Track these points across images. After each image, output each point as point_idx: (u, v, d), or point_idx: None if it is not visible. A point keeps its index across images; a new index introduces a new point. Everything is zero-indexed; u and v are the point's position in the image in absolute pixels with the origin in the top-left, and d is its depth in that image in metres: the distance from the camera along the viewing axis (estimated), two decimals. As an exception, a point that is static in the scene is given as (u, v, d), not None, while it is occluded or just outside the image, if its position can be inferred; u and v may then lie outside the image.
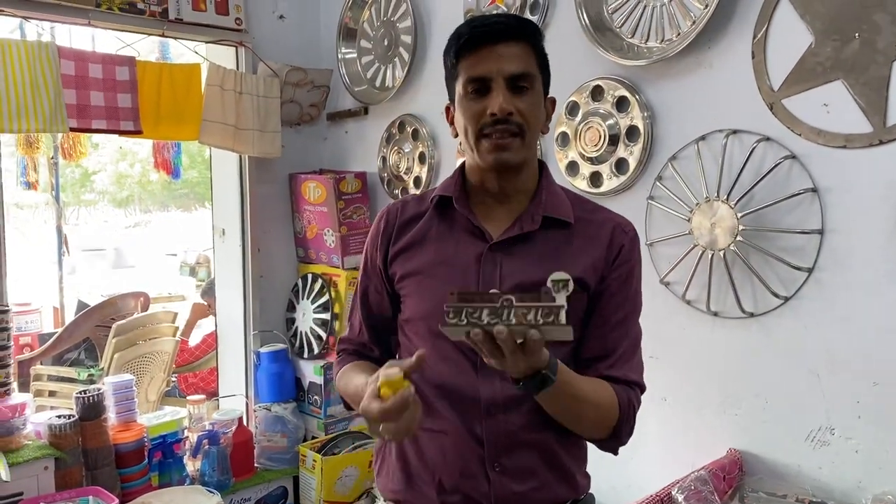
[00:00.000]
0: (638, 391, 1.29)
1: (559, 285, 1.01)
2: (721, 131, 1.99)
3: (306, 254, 3.30)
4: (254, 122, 2.98)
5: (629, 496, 2.04)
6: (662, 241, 2.13)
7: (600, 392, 1.23)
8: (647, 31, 2.14)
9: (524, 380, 1.09)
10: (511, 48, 1.22)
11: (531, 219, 1.29)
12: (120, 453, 2.61)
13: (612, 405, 1.23)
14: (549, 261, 1.25)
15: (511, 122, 1.22)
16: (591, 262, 1.28)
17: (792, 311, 1.89)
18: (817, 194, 1.82)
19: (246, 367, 3.25)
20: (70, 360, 4.26)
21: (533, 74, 1.24)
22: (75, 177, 13.78)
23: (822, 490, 1.83)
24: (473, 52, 1.23)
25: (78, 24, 2.67)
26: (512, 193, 1.31)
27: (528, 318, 1.00)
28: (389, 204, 1.44)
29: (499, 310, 1.00)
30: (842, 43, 1.75)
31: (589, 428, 1.26)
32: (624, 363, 1.28)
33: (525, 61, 1.23)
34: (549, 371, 1.08)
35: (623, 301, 1.30)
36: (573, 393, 1.16)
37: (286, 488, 3.10)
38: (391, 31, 3.01)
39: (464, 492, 1.28)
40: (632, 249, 1.32)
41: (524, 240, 1.28)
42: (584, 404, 1.20)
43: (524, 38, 1.24)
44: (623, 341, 1.29)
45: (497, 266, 1.27)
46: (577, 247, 1.29)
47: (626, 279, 1.30)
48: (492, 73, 1.21)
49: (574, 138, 2.31)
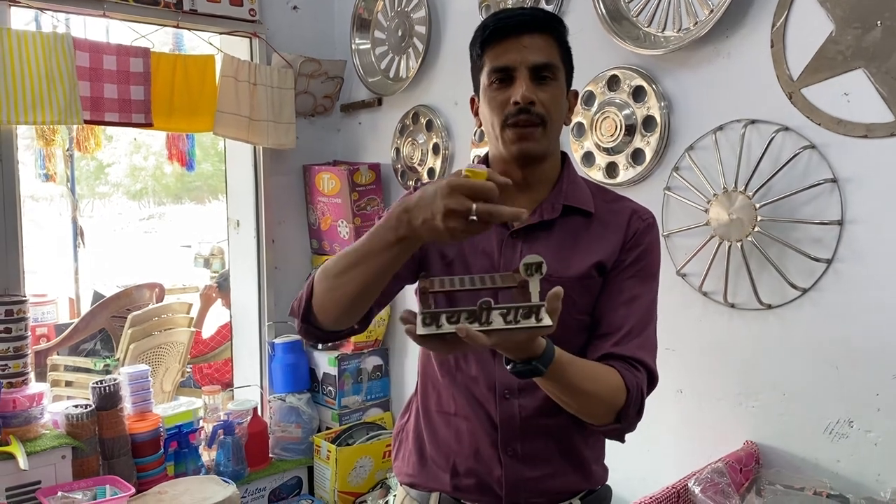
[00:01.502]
0: (644, 373, 1.23)
1: (532, 268, 0.98)
2: (739, 121, 1.97)
3: (320, 245, 3.31)
4: (268, 113, 2.98)
5: (643, 488, 2.03)
6: (679, 232, 2.11)
7: (602, 380, 1.19)
8: (664, 20, 2.12)
9: (517, 363, 1.07)
10: (535, 39, 1.24)
11: (552, 207, 1.30)
12: (136, 443, 2.62)
13: (618, 389, 1.19)
14: (568, 248, 1.27)
15: (533, 113, 1.22)
16: (610, 247, 1.28)
17: (811, 302, 1.87)
18: (837, 185, 1.80)
19: (261, 358, 3.26)
20: (86, 350, 4.29)
21: (556, 65, 1.25)
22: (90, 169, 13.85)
23: (840, 483, 1.81)
24: (498, 43, 1.25)
25: (93, 15, 2.68)
26: (534, 183, 1.31)
27: (507, 318, 0.96)
28: (414, 186, 1.42)
29: (477, 312, 0.96)
30: (863, 31, 1.72)
31: (590, 414, 1.22)
32: (630, 341, 1.24)
33: (548, 52, 1.24)
34: (539, 362, 1.06)
35: (633, 282, 1.28)
36: (569, 381, 1.13)
37: (300, 478, 3.11)
38: (405, 21, 2.99)
39: (477, 476, 1.29)
40: (645, 233, 1.31)
41: (545, 227, 1.29)
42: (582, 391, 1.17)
43: (548, 31, 1.26)
44: (630, 319, 1.26)
45: (517, 252, 1.27)
46: (597, 234, 1.29)
47: (637, 260, 1.29)
48: (515, 63, 1.23)
49: (590, 128, 2.29)
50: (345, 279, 1.14)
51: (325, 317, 1.21)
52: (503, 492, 1.28)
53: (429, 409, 1.37)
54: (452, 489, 1.31)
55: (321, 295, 1.19)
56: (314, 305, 1.21)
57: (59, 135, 4.57)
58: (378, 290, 1.17)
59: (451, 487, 1.31)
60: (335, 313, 1.20)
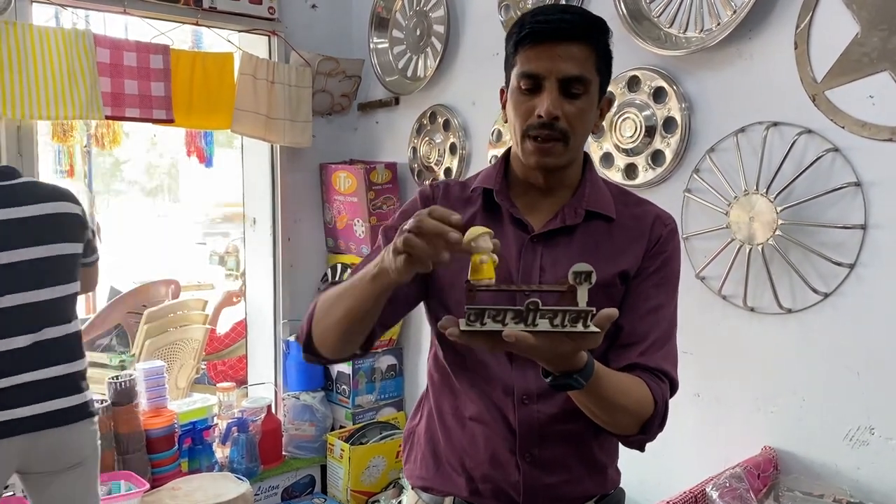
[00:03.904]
0: (668, 384, 1.24)
1: (581, 277, 0.96)
2: (761, 123, 1.95)
3: (336, 244, 3.31)
4: (285, 111, 2.98)
5: (659, 492, 2.02)
6: (699, 235, 2.09)
7: (633, 393, 1.19)
8: (685, 21, 2.10)
9: (555, 376, 1.05)
10: (571, 49, 1.17)
11: (574, 212, 1.27)
12: (151, 439, 2.64)
13: (647, 402, 1.19)
14: (590, 254, 1.23)
15: (556, 128, 1.19)
16: (634, 255, 1.26)
17: (832, 307, 1.85)
18: (860, 188, 1.78)
19: (275, 356, 3.27)
20: (102, 346, 4.31)
21: (588, 79, 1.19)
22: (106, 166, 13.95)
23: (860, 490, 1.79)
24: (531, 47, 1.19)
25: (114, 12, 2.69)
26: (556, 187, 1.29)
27: (554, 322, 0.93)
28: (431, 182, 1.40)
29: (524, 313, 0.93)
30: (889, 33, 1.70)
31: (617, 426, 1.21)
32: (656, 351, 1.24)
33: (582, 64, 1.18)
34: (580, 375, 1.04)
35: (657, 290, 1.27)
36: (602, 395, 1.12)
37: (314, 477, 3.11)
38: (423, 20, 2.99)
39: (494, 481, 1.27)
40: (669, 240, 1.29)
41: (566, 232, 1.26)
42: (614, 405, 1.16)
43: (586, 39, 1.19)
44: (655, 329, 1.26)
45: (538, 257, 1.25)
46: (619, 240, 1.27)
47: (661, 268, 1.28)
48: (545, 73, 1.18)
49: (609, 129, 2.27)
50: (335, 311, 1.17)
51: (324, 346, 1.23)
52: (521, 498, 1.27)
53: (442, 412, 1.35)
54: (468, 493, 1.29)
55: (318, 325, 1.22)
56: (314, 336, 1.23)
57: (77, 131, 4.59)
58: (371, 318, 1.16)
59: (468, 492, 1.29)
60: (332, 343, 1.22)
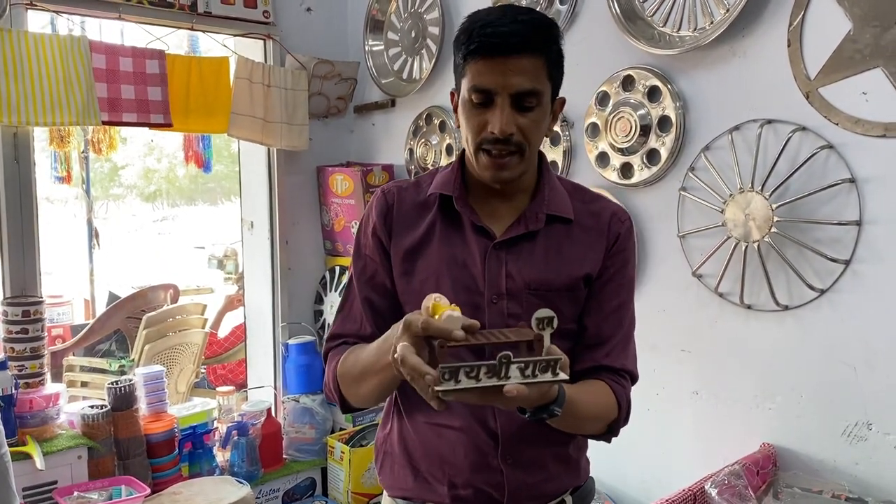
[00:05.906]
0: (630, 383, 1.32)
1: (544, 322, 1.00)
2: (755, 121, 1.95)
3: (334, 246, 3.31)
4: (282, 114, 2.98)
5: (659, 491, 2.02)
6: (695, 233, 2.10)
7: (601, 401, 1.26)
8: (679, 20, 2.11)
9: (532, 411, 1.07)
10: (521, 62, 1.15)
11: (535, 217, 1.27)
12: (151, 443, 2.63)
13: (612, 407, 1.27)
14: (553, 258, 1.27)
15: (511, 142, 1.19)
16: (595, 256, 1.29)
17: (828, 303, 1.85)
18: (855, 185, 1.78)
19: (274, 359, 3.27)
20: (101, 351, 4.32)
21: (540, 90, 1.18)
22: (104, 171, 13.95)
23: (858, 486, 1.80)
24: (482, 60, 1.17)
25: (109, 18, 2.69)
26: (513, 192, 1.29)
27: (525, 373, 0.97)
28: (383, 189, 1.39)
29: (496, 367, 0.96)
30: (882, 29, 1.71)
31: (587, 431, 1.31)
32: (620, 352, 1.30)
33: (534, 77, 1.17)
34: (555, 406, 1.07)
35: (618, 289, 1.32)
36: (575, 414, 1.16)
37: (314, 479, 3.11)
38: (418, 22, 3.00)
39: (476, 486, 1.28)
40: (627, 238, 1.33)
41: (528, 238, 1.27)
42: (585, 418, 1.23)
43: (537, 50, 1.17)
44: (619, 330, 1.31)
45: (502, 264, 1.26)
46: (580, 241, 1.29)
47: (622, 267, 1.32)
48: (497, 88, 1.16)
49: (604, 129, 2.28)
50: (364, 389, 1.25)
51: (365, 405, 1.31)
52: (504, 498, 1.28)
53: (416, 421, 1.33)
54: (451, 500, 1.30)
55: (350, 395, 1.29)
56: (349, 401, 1.30)
57: (74, 137, 4.60)
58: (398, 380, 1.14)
59: (449, 498, 1.30)
60: (374, 403, 1.31)
